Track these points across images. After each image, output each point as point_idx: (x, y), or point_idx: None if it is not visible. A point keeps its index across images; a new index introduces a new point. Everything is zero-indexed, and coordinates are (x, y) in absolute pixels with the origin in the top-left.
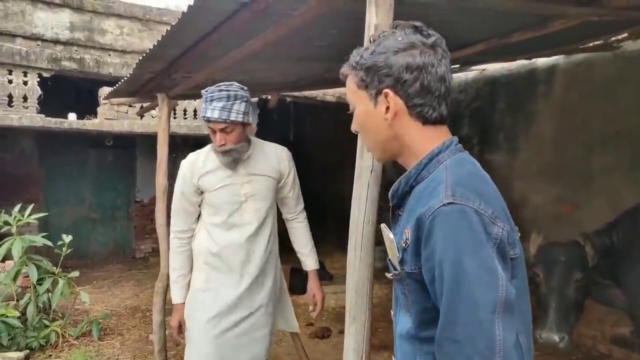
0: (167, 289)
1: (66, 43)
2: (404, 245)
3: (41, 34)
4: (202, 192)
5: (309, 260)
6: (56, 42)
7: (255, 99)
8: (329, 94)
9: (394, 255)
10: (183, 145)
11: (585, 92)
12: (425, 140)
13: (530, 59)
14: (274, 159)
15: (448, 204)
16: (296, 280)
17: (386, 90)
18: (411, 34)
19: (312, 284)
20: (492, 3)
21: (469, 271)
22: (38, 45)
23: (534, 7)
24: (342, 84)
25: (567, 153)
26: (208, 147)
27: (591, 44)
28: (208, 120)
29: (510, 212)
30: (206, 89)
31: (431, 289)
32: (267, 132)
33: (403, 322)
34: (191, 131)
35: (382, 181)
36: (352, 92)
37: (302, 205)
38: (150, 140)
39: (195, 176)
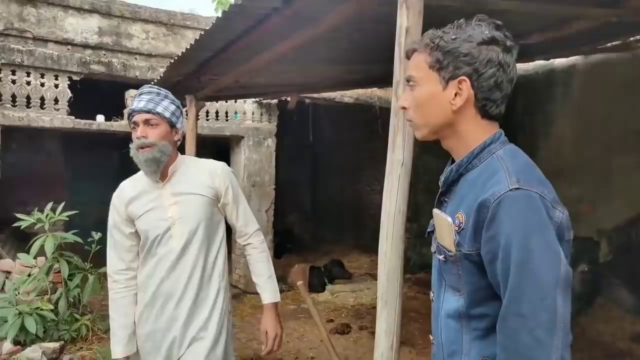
0: None
1: (95, 47)
2: (456, 228)
3: (71, 39)
4: (132, 221)
5: (264, 292)
6: (85, 46)
7: (275, 101)
8: (347, 96)
9: (449, 238)
10: (202, 145)
11: (604, 92)
12: (479, 131)
13: (548, 59)
14: (205, 174)
15: (515, 189)
16: (314, 277)
17: (463, 77)
18: (494, 30)
19: (266, 319)
20: (514, 6)
21: (535, 251)
22: (68, 49)
23: (553, 9)
24: (362, 85)
25: (585, 153)
26: (139, 173)
27: (610, 44)
28: (132, 113)
29: None
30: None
31: (490, 268)
32: (286, 133)
33: (450, 301)
34: (212, 132)
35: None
36: (419, 70)
37: (253, 227)
38: None
39: (123, 203)
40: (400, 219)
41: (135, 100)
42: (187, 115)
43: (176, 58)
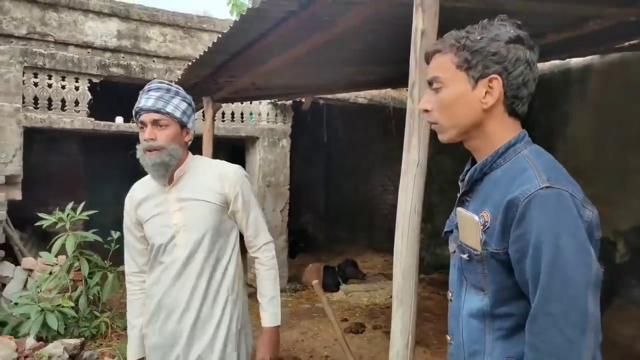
0: None
1: (114, 50)
2: (482, 227)
3: (91, 42)
4: (141, 224)
5: (265, 314)
6: (105, 49)
7: (290, 102)
8: (361, 96)
9: (475, 236)
10: (218, 145)
11: (621, 91)
12: (504, 130)
13: (564, 59)
14: (215, 179)
15: (546, 187)
16: (328, 277)
17: (495, 76)
18: (517, 29)
19: (264, 343)
20: (530, 6)
21: (566, 251)
22: (88, 52)
23: (570, 9)
24: (375, 86)
25: (602, 153)
26: (148, 175)
27: (627, 44)
28: (139, 112)
29: None
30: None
31: (518, 267)
32: (300, 134)
33: (473, 301)
34: (228, 133)
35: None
36: (445, 70)
37: (264, 239)
38: None
39: (133, 206)
40: (416, 219)
41: (143, 96)
42: (203, 116)
43: (194, 61)
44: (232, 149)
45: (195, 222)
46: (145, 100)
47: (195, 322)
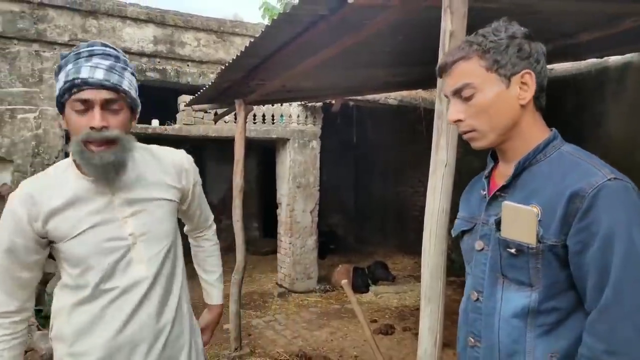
0: (242, 281)
1: (150, 55)
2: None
3: (129, 48)
4: (50, 243)
5: (215, 291)
6: (141, 54)
7: (319, 103)
8: (391, 98)
9: (529, 230)
10: (249, 148)
11: None
12: (536, 125)
13: (601, 57)
14: (167, 170)
15: (613, 179)
16: (357, 278)
17: (527, 71)
18: (521, 27)
19: (214, 322)
20: (561, 5)
21: (638, 242)
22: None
23: (601, 7)
24: (406, 87)
25: (637, 154)
26: (55, 169)
27: None
28: (80, 85)
29: None
30: (76, 47)
31: (576, 258)
32: (330, 135)
33: (515, 299)
34: (259, 135)
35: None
36: (475, 75)
37: (211, 218)
38: (218, 144)
39: (36, 217)
40: (444, 218)
41: (83, 63)
42: (235, 118)
43: (226, 65)
44: (263, 151)
45: (157, 229)
46: (90, 70)
47: (163, 349)
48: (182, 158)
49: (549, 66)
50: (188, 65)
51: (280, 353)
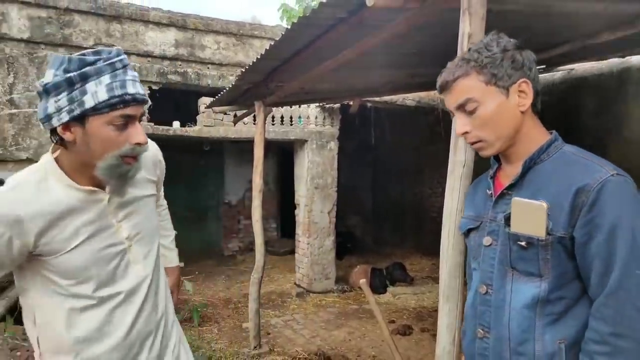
0: (261, 279)
1: (171, 58)
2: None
3: (151, 51)
4: (35, 256)
5: (171, 253)
6: (163, 58)
7: (337, 105)
8: (409, 99)
9: (539, 224)
10: (267, 149)
11: None
12: (536, 128)
13: (623, 57)
14: (148, 164)
15: (615, 174)
16: (375, 279)
17: (523, 80)
18: (510, 38)
19: (175, 284)
20: (581, 6)
21: (639, 233)
22: (148, 61)
23: (621, 8)
24: (424, 88)
25: None
26: (29, 181)
27: None
28: (132, 101)
29: None
30: (89, 56)
31: (582, 249)
32: (348, 137)
33: (524, 290)
34: (278, 136)
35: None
36: (476, 90)
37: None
38: (236, 146)
39: (30, 232)
40: (461, 217)
41: (121, 75)
42: (254, 120)
43: (246, 68)
44: (281, 151)
45: (147, 227)
46: (133, 84)
47: (162, 336)
48: (156, 149)
49: (569, 66)
50: (208, 68)
51: (298, 352)
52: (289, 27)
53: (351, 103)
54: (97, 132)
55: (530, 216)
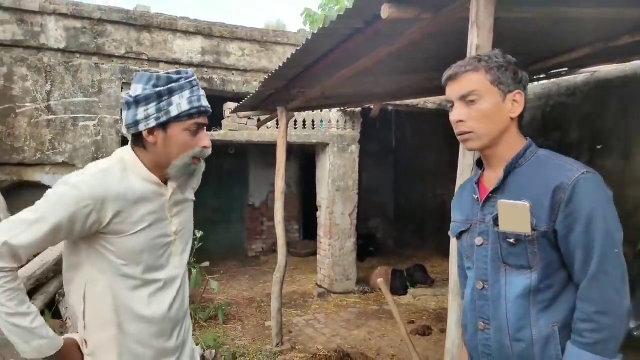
0: (283, 279)
1: (198, 65)
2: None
3: (179, 59)
4: (101, 234)
5: None
6: (190, 65)
7: (358, 109)
8: (430, 102)
9: (524, 222)
10: (290, 152)
11: None
12: (517, 135)
13: None
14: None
15: (586, 172)
16: (396, 281)
17: (519, 91)
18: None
19: None
20: (595, 13)
21: (611, 221)
22: (176, 68)
23: (636, 13)
24: (443, 92)
25: None
26: (113, 170)
27: None
28: (204, 112)
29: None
30: (173, 75)
31: (565, 240)
32: (369, 140)
33: (517, 282)
34: (300, 140)
35: None
36: (481, 85)
37: None
38: (260, 149)
39: (106, 214)
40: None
41: (197, 92)
42: (277, 124)
43: (270, 75)
44: (304, 155)
45: (188, 227)
46: (204, 99)
47: (187, 328)
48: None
49: (591, 69)
50: (233, 74)
51: (319, 349)
52: (309, 37)
53: (372, 107)
54: (176, 136)
55: (515, 216)
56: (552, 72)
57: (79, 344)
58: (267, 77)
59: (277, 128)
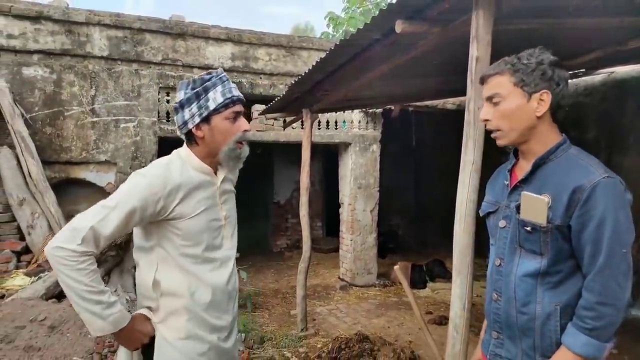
0: (308, 268)
1: (228, 70)
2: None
3: (211, 64)
4: (166, 220)
5: None
6: None
7: (379, 110)
8: (450, 102)
9: (542, 214)
10: (314, 151)
11: None
12: (551, 131)
13: None
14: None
15: (607, 177)
16: (415, 274)
17: (545, 91)
18: (553, 55)
19: None
20: (586, 22)
21: (622, 223)
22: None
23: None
24: (460, 94)
25: None
26: (174, 164)
27: None
28: (237, 101)
29: None
30: (206, 76)
31: (577, 235)
32: (390, 139)
33: (528, 264)
34: (323, 139)
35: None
36: (504, 88)
37: None
38: (285, 149)
39: (172, 200)
40: (471, 206)
41: (227, 85)
42: (302, 125)
43: (296, 80)
44: (327, 154)
45: (232, 213)
46: (235, 90)
47: (236, 311)
48: None
49: (609, 69)
50: (260, 78)
51: (340, 333)
52: (332, 47)
53: (392, 108)
54: (218, 125)
55: (535, 207)
56: (570, 72)
57: (147, 316)
58: (293, 82)
59: (302, 128)
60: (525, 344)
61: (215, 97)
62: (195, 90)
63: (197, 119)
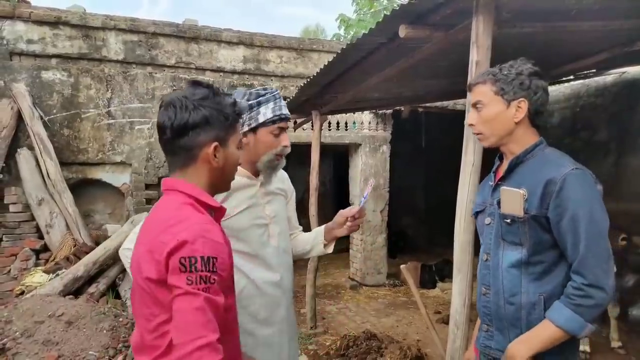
0: (317, 267)
1: (240, 73)
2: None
3: (223, 67)
4: None
5: (317, 229)
6: (233, 72)
7: (389, 110)
8: (460, 103)
9: (519, 206)
10: (324, 152)
11: None
12: (529, 136)
13: None
14: (282, 177)
15: (575, 169)
16: (425, 275)
17: (522, 99)
18: (534, 66)
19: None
20: (588, 25)
21: (597, 212)
22: (220, 75)
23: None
24: (465, 95)
25: None
26: None
27: None
28: (285, 119)
29: None
30: (262, 91)
31: (556, 226)
32: (400, 140)
33: (511, 255)
34: (334, 140)
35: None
36: (485, 96)
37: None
38: (296, 149)
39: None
40: (471, 205)
41: (278, 102)
42: (312, 127)
43: (305, 83)
44: (337, 155)
45: (281, 214)
46: (284, 108)
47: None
48: (285, 175)
49: (621, 69)
50: (272, 80)
51: (349, 331)
52: (340, 51)
53: (402, 109)
54: (263, 137)
55: (512, 200)
56: (580, 73)
57: None
58: (302, 85)
59: (311, 129)
60: (513, 335)
61: (265, 112)
62: (249, 102)
63: (245, 128)
